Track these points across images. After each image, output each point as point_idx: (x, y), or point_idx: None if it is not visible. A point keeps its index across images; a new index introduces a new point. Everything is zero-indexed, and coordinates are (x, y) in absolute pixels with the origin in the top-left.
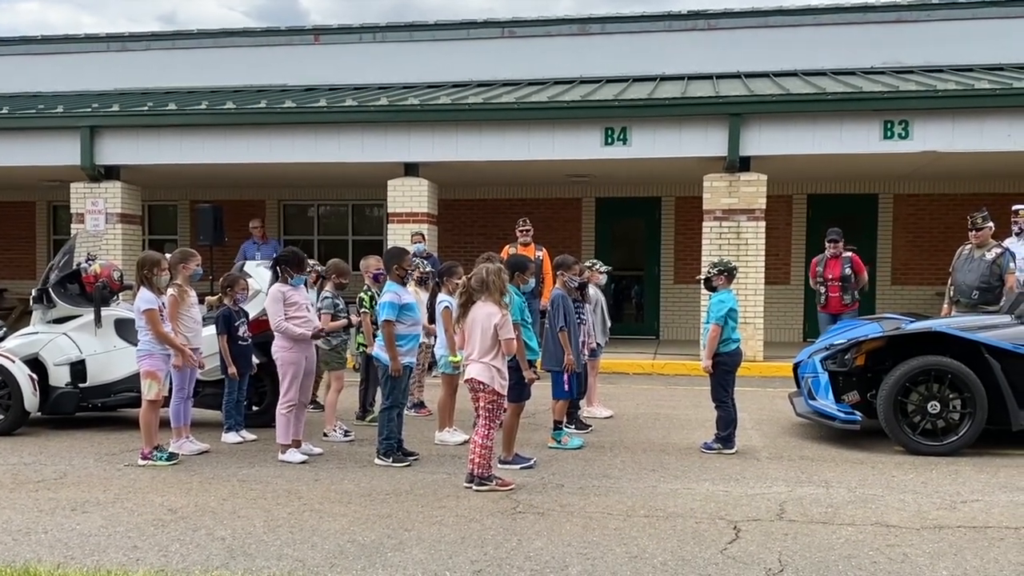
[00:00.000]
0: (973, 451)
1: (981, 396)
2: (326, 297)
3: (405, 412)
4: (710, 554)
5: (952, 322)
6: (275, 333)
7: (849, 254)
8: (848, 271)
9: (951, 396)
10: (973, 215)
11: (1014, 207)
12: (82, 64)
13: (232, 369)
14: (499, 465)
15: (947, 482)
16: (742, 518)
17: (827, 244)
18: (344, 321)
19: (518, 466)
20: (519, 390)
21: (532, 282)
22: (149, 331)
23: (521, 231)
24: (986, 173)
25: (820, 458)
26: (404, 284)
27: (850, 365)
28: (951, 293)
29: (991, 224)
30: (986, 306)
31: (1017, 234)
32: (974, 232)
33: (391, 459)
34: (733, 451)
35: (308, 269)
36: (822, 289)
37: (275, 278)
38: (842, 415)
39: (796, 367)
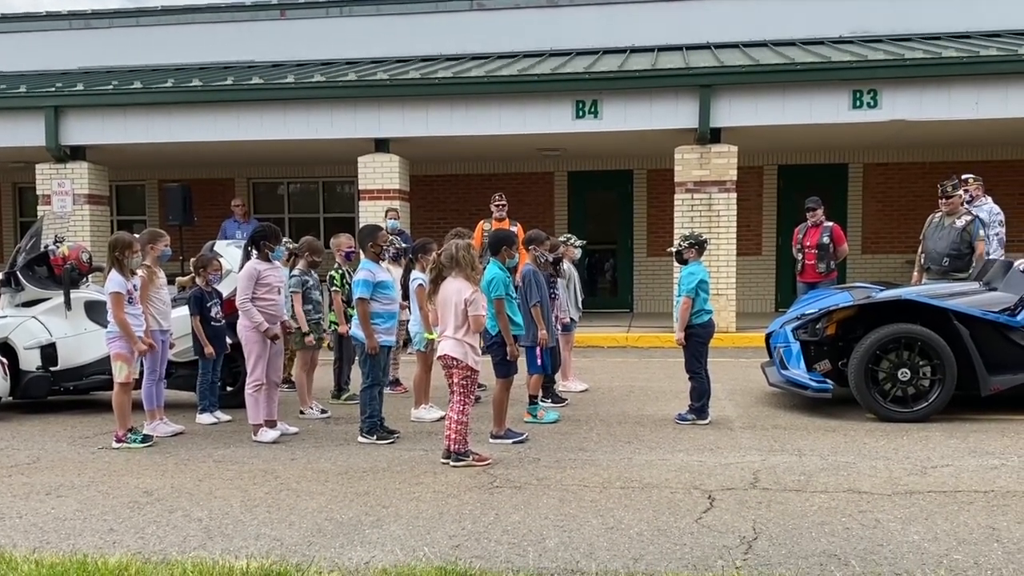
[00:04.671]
0: (943, 417)
1: (950, 363)
2: (294, 275)
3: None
4: (685, 523)
5: (922, 290)
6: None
7: (831, 224)
8: (826, 240)
9: (921, 363)
10: (944, 183)
11: (963, 176)
12: (44, 43)
13: (209, 349)
14: (491, 440)
15: (918, 448)
16: (716, 487)
17: (806, 213)
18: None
19: (511, 440)
20: (506, 366)
21: (517, 257)
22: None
23: (496, 206)
24: (954, 141)
25: (793, 427)
26: (379, 261)
27: (821, 334)
28: (921, 261)
29: (961, 192)
30: (956, 273)
31: (968, 202)
32: (944, 200)
33: (375, 436)
34: (707, 422)
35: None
36: (799, 256)
37: (247, 257)
38: (814, 384)
39: (768, 337)
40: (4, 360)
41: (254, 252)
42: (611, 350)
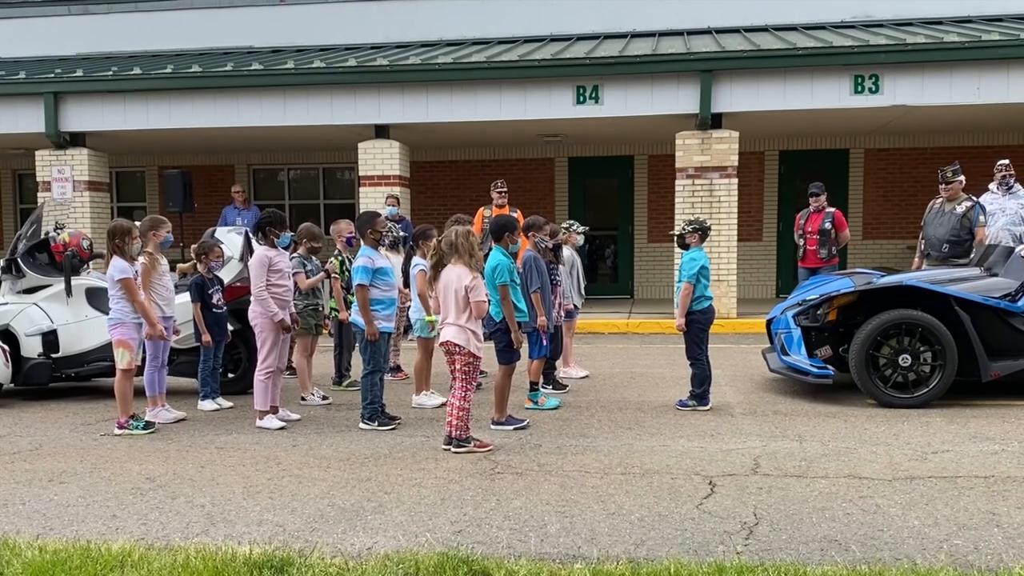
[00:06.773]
0: (943, 403)
1: (951, 348)
2: (293, 258)
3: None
4: (686, 509)
5: (922, 276)
6: (253, 299)
7: (832, 210)
8: (828, 226)
9: (922, 349)
10: (944, 169)
11: (1001, 162)
12: (43, 29)
13: (206, 337)
14: (492, 426)
15: (918, 434)
16: (717, 473)
17: (809, 198)
18: (320, 276)
19: (512, 427)
20: (509, 352)
21: (519, 242)
22: (122, 300)
23: (497, 192)
24: (955, 127)
25: (793, 413)
26: (378, 248)
27: (822, 320)
28: (922, 247)
29: (962, 178)
30: (956, 259)
31: (1008, 188)
32: (944, 186)
33: (376, 423)
34: (708, 408)
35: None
36: (801, 242)
37: (248, 245)
38: (815, 370)
39: (769, 323)
40: (5, 347)
41: (260, 239)
42: (612, 336)
